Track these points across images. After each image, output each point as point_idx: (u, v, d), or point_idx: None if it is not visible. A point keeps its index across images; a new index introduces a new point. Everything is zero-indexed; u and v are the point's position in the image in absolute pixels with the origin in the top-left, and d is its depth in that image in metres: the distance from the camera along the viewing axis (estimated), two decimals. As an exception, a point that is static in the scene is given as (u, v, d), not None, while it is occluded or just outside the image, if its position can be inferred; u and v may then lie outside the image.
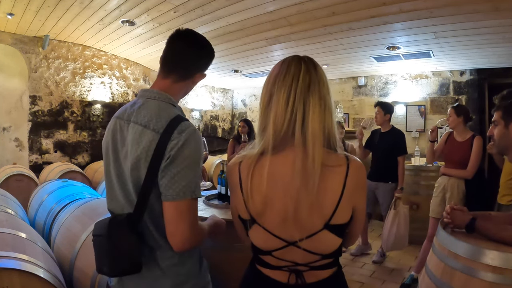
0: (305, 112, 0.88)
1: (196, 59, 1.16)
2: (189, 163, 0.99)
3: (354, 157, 0.93)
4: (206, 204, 2.71)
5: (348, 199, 0.88)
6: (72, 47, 5.42)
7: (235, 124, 8.51)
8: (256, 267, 0.99)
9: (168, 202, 0.98)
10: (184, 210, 0.98)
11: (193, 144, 1.01)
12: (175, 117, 1.03)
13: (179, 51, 1.14)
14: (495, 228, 1.35)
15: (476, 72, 5.59)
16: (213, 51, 1.23)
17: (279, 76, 0.91)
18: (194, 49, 1.16)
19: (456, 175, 2.94)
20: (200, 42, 1.19)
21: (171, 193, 0.98)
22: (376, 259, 3.67)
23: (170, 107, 1.08)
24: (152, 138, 1.01)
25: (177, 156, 0.98)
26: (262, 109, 0.94)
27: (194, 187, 1.00)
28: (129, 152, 1.04)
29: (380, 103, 3.79)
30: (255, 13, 3.71)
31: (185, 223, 0.98)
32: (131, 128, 1.06)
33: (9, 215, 2.17)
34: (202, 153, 1.05)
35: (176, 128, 1.00)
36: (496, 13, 3.31)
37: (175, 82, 1.14)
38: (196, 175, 1.01)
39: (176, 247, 1.00)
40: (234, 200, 1.00)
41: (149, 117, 1.04)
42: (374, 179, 3.70)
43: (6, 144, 4.89)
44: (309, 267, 0.92)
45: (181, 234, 0.98)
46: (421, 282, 1.52)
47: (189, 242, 1.00)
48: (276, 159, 0.90)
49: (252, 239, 0.96)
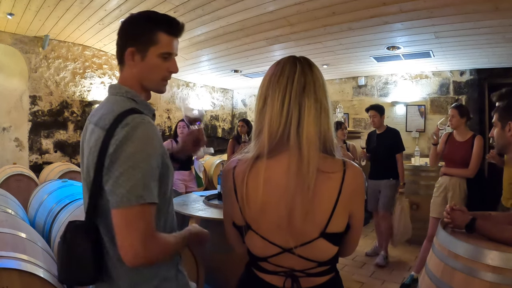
0: (301, 115, 0.85)
1: (121, 36, 1.01)
2: (134, 162, 0.84)
3: (351, 162, 0.90)
4: (206, 204, 2.71)
5: (343, 206, 0.85)
6: (72, 47, 5.42)
7: (235, 124, 8.50)
8: (252, 271, 0.98)
9: (114, 209, 0.85)
10: (131, 220, 0.83)
11: (138, 137, 0.86)
12: (124, 111, 0.90)
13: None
14: (495, 228, 1.36)
15: (476, 72, 5.59)
16: (146, 17, 1.01)
17: (273, 78, 0.89)
18: (122, 29, 1.01)
19: (458, 175, 2.95)
20: (130, 18, 1.02)
21: (115, 199, 0.84)
22: (379, 261, 3.62)
23: (126, 101, 0.96)
24: (99, 136, 0.89)
25: (117, 154, 0.85)
26: (257, 112, 0.91)
27: (142, 191, 0.84)
28: (84, 154, 0.97)
29: (374, 106, 3.89)
30: (255, 13, 3.71)
31: (132, 234, 0.83)
32: (89, 128, 0.98)
33: (9, 215, 2.17)
34: (156, 148, 0.89)
35: (121, 122, 0.87)
36: (496, 13, 3.31)
37: (121, 71, 1.03)
38: (145, 176, 0.85)
39: (128, 262, 0.85)
40: (228, 207, 0.97)
41: (101, 114, 0.94)
42: (376, 178, 3.81)
43: (6, 144, 4.89)
44: (305, 274, 0.90)
45: (130, 247, 0.83)
46: (421, 282, 1.52)
47: (142, 257, 0.84)
48: (272, 164, 0.87)
49: (248, 245, 0.94)
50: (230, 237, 1.03)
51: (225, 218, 1.01)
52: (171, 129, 7.07)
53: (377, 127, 3.87)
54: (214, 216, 2.31)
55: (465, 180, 2.94)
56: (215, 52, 5.29)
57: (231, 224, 0.98)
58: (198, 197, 3.03)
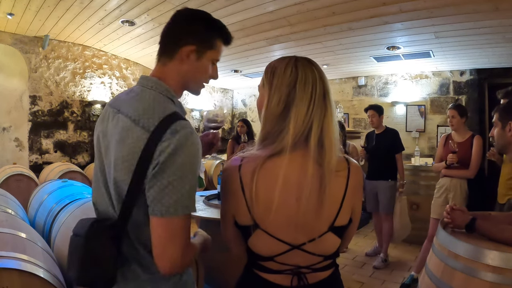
0: (326, 118, 0.90)
1: (179, 30, 0.98)
2: (183, 172, 0.83)
3: (352, 159, 0.96)
4: (206, 204, 2.71)
5: (349, 201, 0.92)
6: (72, 47, 5.42)
7: (235, 124, 8.51)
8: (253, 272, 0.97)
9: (156, 218, 0.83)
10: (175, 230, 0.83)
11: (188, 149, 0.84)
12: (170, 114, 0.87)
13: (165, 28, 1.01)
14: (495, 228, 1.36)
15: (476, 72, 5.59)
16: (209, 19, 1.01)
17: (299, 84, 0.90)
18: (179, 22, 0.99)
19: (459, 175, 2.95)
20: (189, 14, 1.00)
21: (160, 209, 0.82)
22: (377, 264, 3.60)
23: (167, 102, 0.93)
24: (141, 137, 0.85)
25: (168, 162, 0.82)
26: (276, 115, 0.91)
27: (188, 202, 0.84)
28: (113, 148, 0.91)
29: (373, 106, 3.89)
30: (255, 13, 3.71)
31: (175, 245, 0.83)
32: (120, 119, 0.92)
33: (9, 215, 2.17)
34: (200, 160, 0.89)
35: (170, 128, 0.84)
36: (496, 13, 3.31)
37: (163, 65, 0.99)
38: (191, 187, 0.85)
39: (163, 271, 0.84)
40: (231, 206, 0.94)
41: (141, 111, 0.89)
42: (374, 179, 3.78)
43: (6, 144, 4.89)
44: (311, 269, 0.93)
45: (170, 258, 0.83)
46: (421, 282, 1.52)
47: (179, 266, 0.86)
48: (288, 163, 0.89)
49: (252, 245, 0.93)
50: (228, 237, 1.02)
51: (225, 217, 0.98)
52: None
53: (375, 127, 3.88)
54: (214, 216, 2.31)
55: (466, 180, 2.94)
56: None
57: (231, 224, 0.97)
58: (198, 197, 3.03)
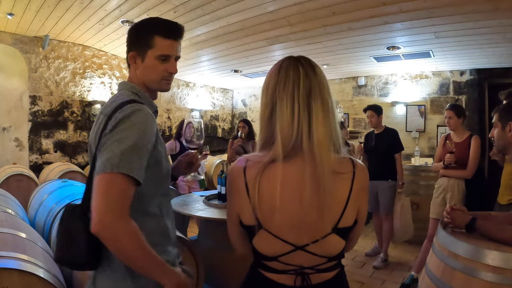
0: (310, 119, 0.87)
1: (127, 39, 1.13)
2: (120, 136, 0.90)
3: (358, 161, 0.95)
4: (206, 204, 2.71)
5: (353, 202, 0.90)
6: (72, 47, 5.42)
7: (235, 124, 8.51)
8: (258, 271, 0.97)
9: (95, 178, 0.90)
10: (104, 186, 0.86)
11: (131, 119, 0.93)
12: (126, 101, 0.98)
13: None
14: (495, 228, 1.36)
15: (476, 72, 5.59)
16: (141, 23, 1.11)
17: (279, 85, 0.89)
18: (128, 32, 1.14)
19: (456, 176, 2.95)
20: (134, 24, 1.14)
21: (96, 169, 0.90)
22: (377, 264, 3.60)
23: (130, 95, 1.05)
24: (102, 122, 0.98)
25: (112, 133, 0.92)
26: (265, 120, 0.91)
27: (119, 162, 0.87)
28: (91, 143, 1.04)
29: (371, 106, 3.90)
30: (255, 13, 3.71)
31: (101, 198, 0.85)
32: (99, 118, 1.05)
33: (9, 215, 2.17)
34: (147, 131, 0.95)
35: (121, 109, 0.95)
36: (496, 13, 3.31)
37: (129, 72, 1.15)
38: (127, 149, 0.89)
39: (92, 228, 0.85)
40: (237, 206, 0.95)
41: (108, 104, 1.03)
42: (374, 179, 3.74)
43: (6, 144, 4.89)
44: (315, 270, 0.93)
45: (98, 212, 0.84)
46: (421, 282, 1.52)
47: (109, 227, 0.84)
48: (287, 166, 0.89)
49: (256, 245, 0.94)
50: (234, 237, 1.03)
51: (231, 217, 0.99)
52: (171, 129, 7.07)
53: (375, 127, 3.88)
54: (214, 216, 2.30)
55: (464, 180, 2.94)
56: (215, 52, 5.29)
57: (237, 223, 0.97)
58: (198, 197, 3.03)
